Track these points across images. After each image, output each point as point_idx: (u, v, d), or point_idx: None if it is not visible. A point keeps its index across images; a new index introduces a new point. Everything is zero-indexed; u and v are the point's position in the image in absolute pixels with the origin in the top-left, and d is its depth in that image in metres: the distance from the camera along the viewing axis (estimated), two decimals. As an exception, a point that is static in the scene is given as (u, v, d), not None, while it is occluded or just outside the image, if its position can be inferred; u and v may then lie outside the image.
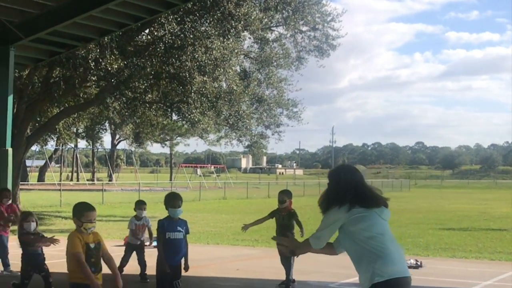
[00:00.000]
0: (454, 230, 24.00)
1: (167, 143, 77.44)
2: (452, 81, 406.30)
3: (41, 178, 74.84)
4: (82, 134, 67.16)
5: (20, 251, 10.86)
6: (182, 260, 9.37)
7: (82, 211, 7.12)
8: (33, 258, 10.62)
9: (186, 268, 9.39)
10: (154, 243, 17.83)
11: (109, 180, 77.67)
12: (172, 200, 9.17)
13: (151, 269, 13.09)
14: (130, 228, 13.43)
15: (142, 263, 13.24)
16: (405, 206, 41.60)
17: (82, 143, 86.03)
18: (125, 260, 13.23)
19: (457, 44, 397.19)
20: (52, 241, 9.38)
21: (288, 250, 6.16)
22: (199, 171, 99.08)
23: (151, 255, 15.65)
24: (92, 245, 7.09)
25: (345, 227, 5.58)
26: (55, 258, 12.14)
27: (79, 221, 7.08)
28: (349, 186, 5.67)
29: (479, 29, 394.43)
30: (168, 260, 9.06)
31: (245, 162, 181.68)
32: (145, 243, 13.66)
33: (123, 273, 13.03)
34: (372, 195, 5.75)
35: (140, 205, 13.47)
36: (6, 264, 13.42)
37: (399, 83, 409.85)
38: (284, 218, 11.80)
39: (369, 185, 5.87)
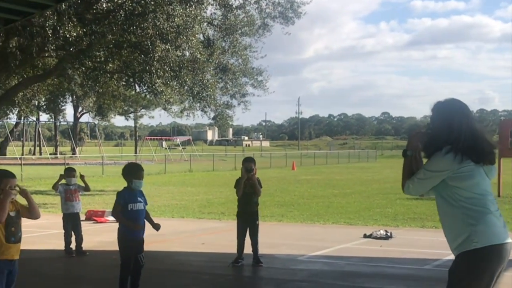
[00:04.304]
0: (422, 200, 23.67)
1: (131, 115, 76.53)
2: (417, 50, 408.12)
3: (2, 153, 73.36)
4: (44, 107, 65.85)
5: None
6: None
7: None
8: None
9: (157, 227, 8.86)
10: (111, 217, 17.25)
11: (73, 154, 76.49)
12: (136, 171, 8.69)
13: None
14: (58, 191, 12.54)
15: (79, 236, 12.50)
16: (372, 176, 41.45)
17: (44, 117, 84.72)
18: (68, 235, 12.46)
19: (422, 13, 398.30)
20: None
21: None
22: (164, 143, 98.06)
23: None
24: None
25: (446, 180, 4.90)
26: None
27: None
28: (464, 132, 4.91)
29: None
30: (131, 233, 8.48)
31: (211, 134, 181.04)
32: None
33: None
34: (488, 147, 4.98)
35: (69, 172, 12.77)
36: None
37: (365, 52, 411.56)
38: (252, 186, 11.21)
39: (485, 132, 5.06)
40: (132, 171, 8.68)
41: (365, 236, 14.57)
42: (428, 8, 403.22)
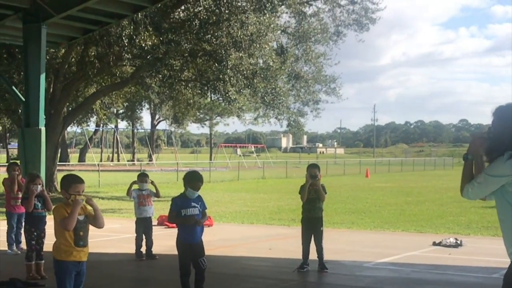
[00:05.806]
0: (498, 208, 23.22)
1: (207, 123, 77.47)
2: (498, 56, 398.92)
3: (81, 159, 75.35)
4: (122, 114, 67.30)
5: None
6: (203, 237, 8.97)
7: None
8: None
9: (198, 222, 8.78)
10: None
11: (149, 161, 77.89)
12: (194, 181, 8.89)
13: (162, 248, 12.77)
14: (132, 197, 12.87)
15: (149, 240, 12.83)
16: (448, 184, 40.77)
17: (122, 124, 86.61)
18: (139, 239, 12.80)
19: (503, 18, 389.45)
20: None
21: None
22: (238, 151, 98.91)
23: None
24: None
25: (506, 185, 4.86)
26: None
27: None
28: None
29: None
30: (185, 238, 8.70)
31: (285, 142, 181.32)
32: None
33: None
34: None
35: (142, 177, 13.08)
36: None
37: (443, 59, 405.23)
38: (316, 192, 11.30)
39: None
40: (190, 180, 8.89)
41: (434, 244, 14.47)
42: (509, 13, 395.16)
